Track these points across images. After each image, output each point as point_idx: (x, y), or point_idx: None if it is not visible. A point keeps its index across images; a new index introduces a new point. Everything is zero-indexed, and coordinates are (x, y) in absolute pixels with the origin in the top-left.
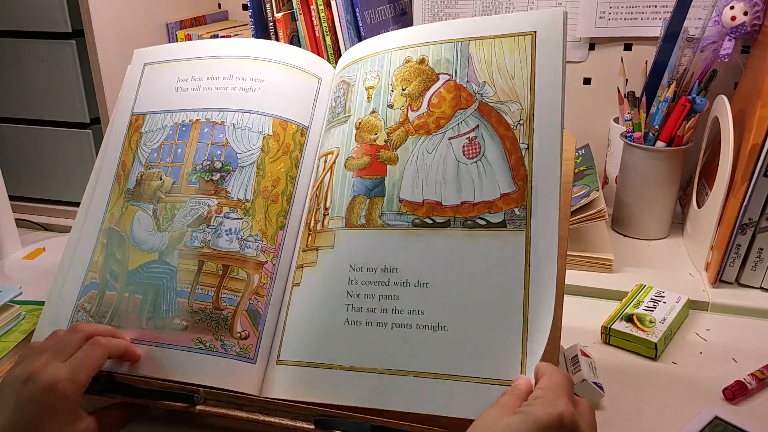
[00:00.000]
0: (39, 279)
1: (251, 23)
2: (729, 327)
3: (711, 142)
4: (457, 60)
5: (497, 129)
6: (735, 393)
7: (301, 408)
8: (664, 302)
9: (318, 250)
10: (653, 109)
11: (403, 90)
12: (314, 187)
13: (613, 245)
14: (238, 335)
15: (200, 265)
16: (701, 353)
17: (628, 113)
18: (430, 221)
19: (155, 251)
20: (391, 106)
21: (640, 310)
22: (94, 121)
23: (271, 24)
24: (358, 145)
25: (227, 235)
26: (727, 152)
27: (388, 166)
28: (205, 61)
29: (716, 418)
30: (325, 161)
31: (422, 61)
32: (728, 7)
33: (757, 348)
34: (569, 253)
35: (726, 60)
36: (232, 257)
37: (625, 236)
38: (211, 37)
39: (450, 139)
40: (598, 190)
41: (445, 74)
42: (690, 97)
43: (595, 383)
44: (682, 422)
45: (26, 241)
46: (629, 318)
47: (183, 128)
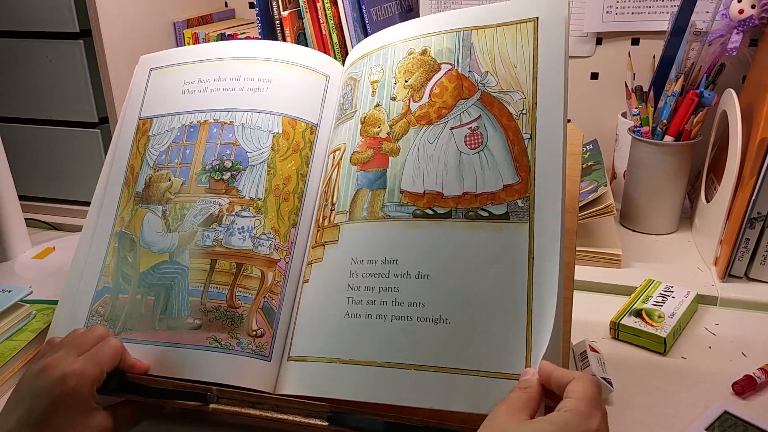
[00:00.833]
0: (49, 278)
1: (258, 21)
2: (738, 321)
3: (719, 136)
4: (459, 50)
5: (500, 119)
6: (744, 387)
7: (315, 405)
8: (673, 297)
9: (324, 246)
10: (661, 104)
11: (406, 81)
12: (323, 184)
13: (622, 240)
14: (254, 333)
15: (213, 264)
16: (710, 348)
17: (636, 108)
18: (431, 212)
19: (165, 252)
20: (394, 98)
21: (649, 305)
22: (103, 121)
23: (278, 22)
24: (363, 139)
25: (240, 234)
26: (736, 146)
27: (390, 158)
28: (212, 63)
29: (725, 413)
30: (333, 157)
31: (424, 52)
32: (736, 1)
33: (767, 342)
34: (577, 249)
35: (734, 53)
36: (246, 255)
37: (634, 231)
38: (218, 36)
39: (452, 129)
40: (606, 185)
41: (447, 64)
42: (698, 91)
43: (604, 378)
44: (692, 417)
45: (36, 241)
46: (638, 313)
47: (191, 129)
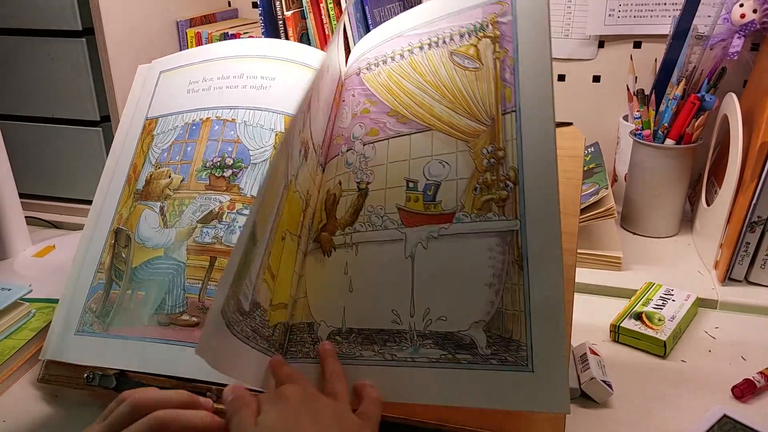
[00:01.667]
0: (49, 277)
1: (261, 21)
2: (738, 325)
3: (720, 140)
4: None
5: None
6: (744, 391)
7: None
8: (673, 300)
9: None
10: (662, 107)
11: None
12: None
13: (622, 243)
14: None
15: (212, 261)
16: (710, 351)
17: (638, 111)
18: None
19: (160, 247)
20: None
21: (649, 308)
22: (104, 119)
23: (281, 22)
24: None
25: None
26: (736, 150)
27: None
28: (217, 62)
29: (725, 417)
30: None
31: None
32: (737, 5)
33: (767, 346)
34: (578, 251)
35: (735, 58)
36: None
37: (634, 234)
38: (221, 35)
39: None
40: (607, 188)
41: None
42: (699, 95)
43: (604, 381)
44: (691, 420)
45: (36, 239)
46: (638, 316)
47: (193, 127)
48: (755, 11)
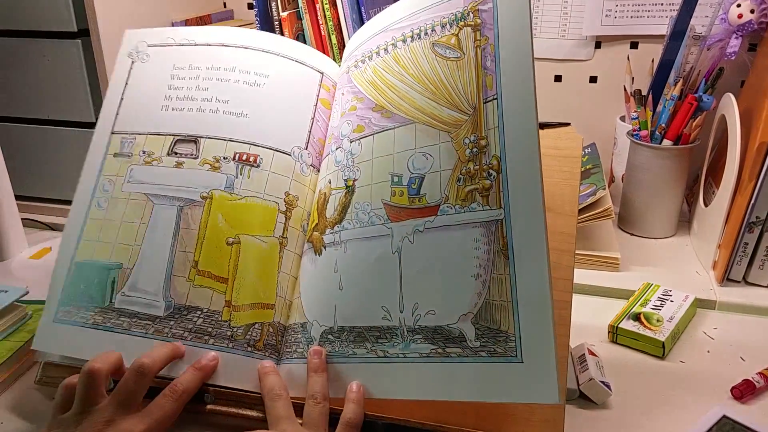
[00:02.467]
0: (45, 279)
1: (257, 22)
2: (737, 325)
3: (718, 141)
4: None
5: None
6: (743, 392)
7: None
8: (672, 301)
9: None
10: (660, 108)
11: None
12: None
13: (620, 244)
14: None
15: None
16: (709, 352)
17: (635, 111)
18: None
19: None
20: None
21: (648, 309)
22: None
23: (277, 23)
24: None
25: None
26: (734, 150)
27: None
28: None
29: (724, 417)
30: None
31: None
32: (735, 5)
33: (765, 346)
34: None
35: (733, 58)
36: None
37: (632, 235)
38: None
39: None
40: (605, 189)
41: None
42: (697, 96)
43: (603, 382)
44: (690, 421)
45: (32, 241)
46: (636, 317)
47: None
48: (752, 11)
